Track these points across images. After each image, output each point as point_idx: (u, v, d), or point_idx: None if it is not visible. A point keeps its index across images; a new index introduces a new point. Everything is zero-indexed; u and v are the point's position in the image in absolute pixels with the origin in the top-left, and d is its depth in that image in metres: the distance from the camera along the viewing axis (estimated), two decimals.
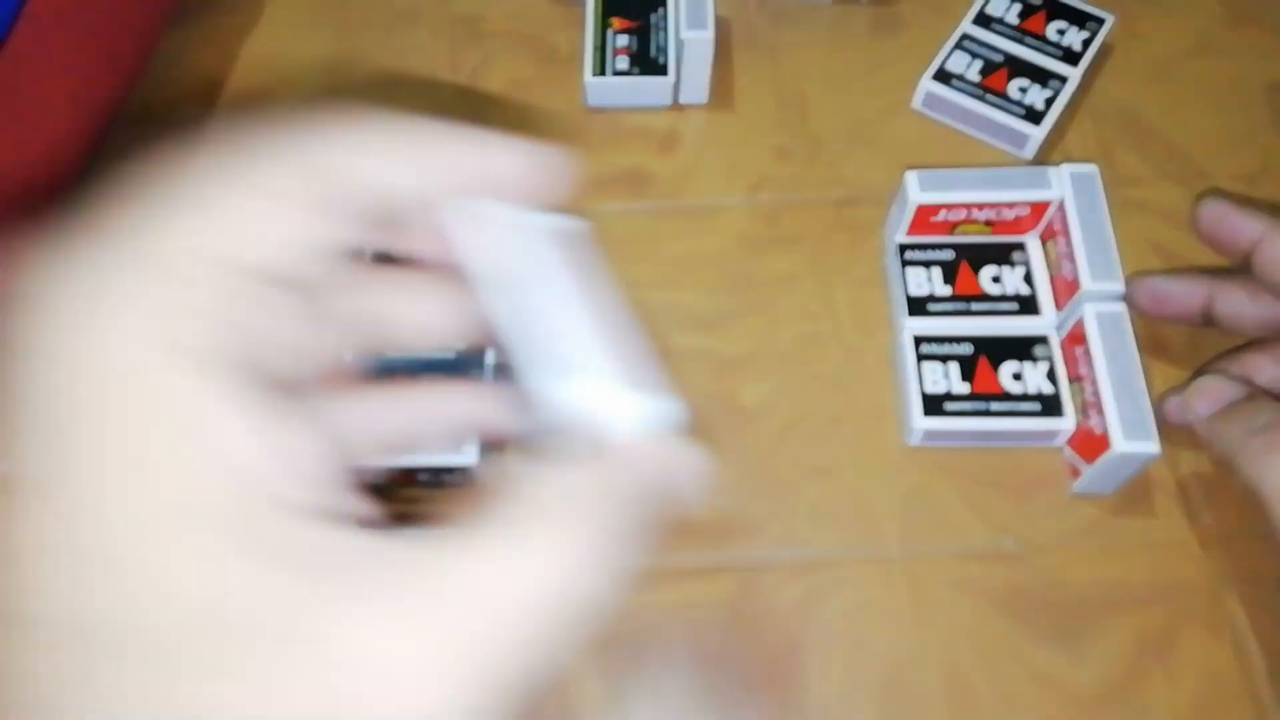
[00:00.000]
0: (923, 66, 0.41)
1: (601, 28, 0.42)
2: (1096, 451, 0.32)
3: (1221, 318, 0.34)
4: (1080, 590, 0.33)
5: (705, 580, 0.33)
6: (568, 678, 0.32)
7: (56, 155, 0.37)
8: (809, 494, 0.34)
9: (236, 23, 0.45)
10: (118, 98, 0.39)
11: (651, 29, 0.42)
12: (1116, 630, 0.32)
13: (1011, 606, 0.32)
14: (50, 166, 0.36)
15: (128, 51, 0.40)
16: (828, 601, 0.33)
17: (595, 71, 0.41)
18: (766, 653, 0.32)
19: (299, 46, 0.44)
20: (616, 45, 0.41)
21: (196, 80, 0.43)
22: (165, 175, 0.17)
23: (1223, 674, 0.32)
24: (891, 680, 0.32)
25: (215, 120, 0.42)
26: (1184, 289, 0.34)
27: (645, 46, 0.41)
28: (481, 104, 0.43)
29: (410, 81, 0.43)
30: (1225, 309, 0.34)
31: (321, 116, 0.20)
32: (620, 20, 0.42)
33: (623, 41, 0.41)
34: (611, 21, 0.42)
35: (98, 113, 0.38)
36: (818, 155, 0.41)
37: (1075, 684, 0.31)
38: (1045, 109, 0.40)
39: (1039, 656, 0.32)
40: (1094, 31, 0.42)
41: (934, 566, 0.33)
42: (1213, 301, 0.34)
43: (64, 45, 0.36)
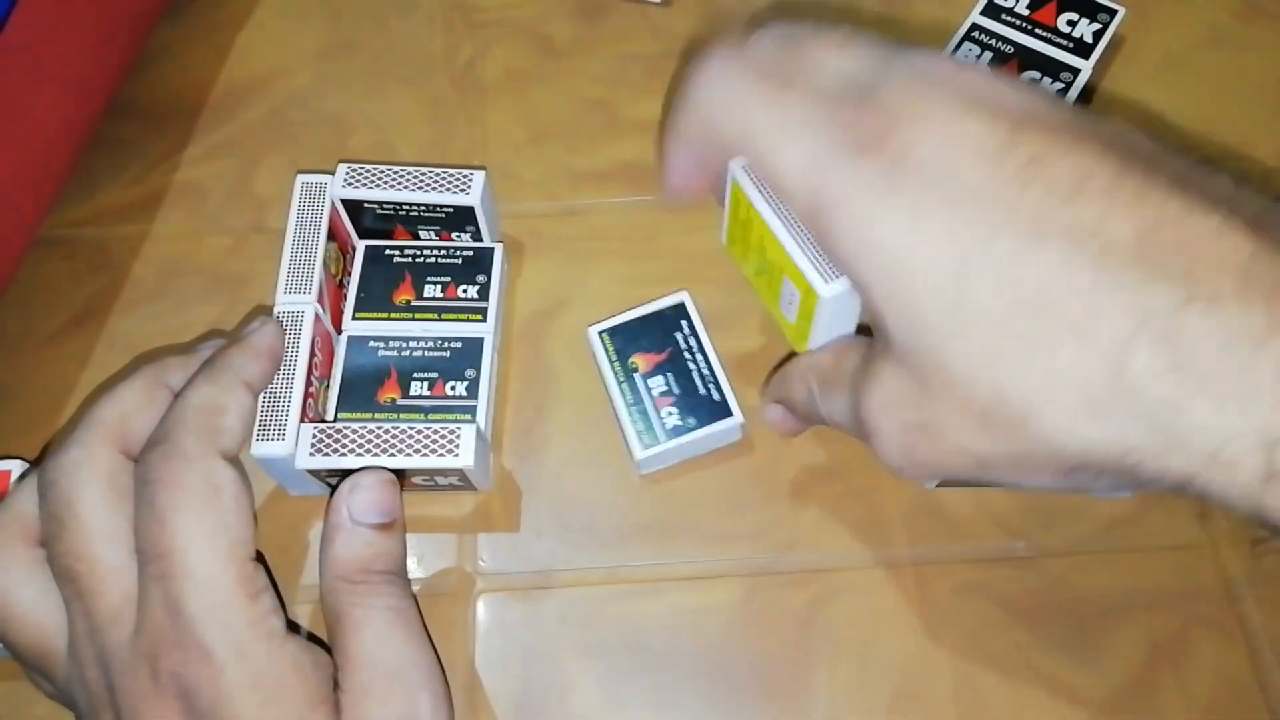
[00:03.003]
0: None
1: (627, 375, 0.33)
2: None
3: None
4: (1093, 595, 0.32)
5: (709, 586, 0.32)
6: (569, 685, 0.31)
7: (50, 147, 0.36)
8: (815, 497, 0.33)
9: (230, 13, 0.44)
10: (111, 88, 0.38)
11: (683, 352, 0.33)
12: (1129, 636, 0.31)
13: (1023, 612, 0.32)
14: (44, 159, 0.35)
15: (122, 40, 0.39)
16: (835, 607, 0.32)
17: (646, 443, 0.32)
18: (772, 660, 0.31)
19: (292, 36, 0.43)
20: (654, 393, 0.33)
21: (190, 72, 0.42)
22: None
23: (1237, 680, 0.31)
24: (900, 687, 0.31)
25: (208, 113, 0.41)
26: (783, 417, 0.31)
27: (688, 383, 0.33)
28: (477, 94, 0.42)
29: (404, 71, 0.42)
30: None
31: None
32: (644, 357, 0.33)
33: (659, 385, 0.33)
34: (635, 363, 0.33)
35: (92, 103, 0.37)
36: None
37: (1087, 690, 0.31)
38: None
39: (1050, 662, 0.31)
40: (1105, 23, 0.41)
41: (943, 571, 0.32)
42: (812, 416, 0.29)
43: (60, 34, 0.35)
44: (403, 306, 0.35)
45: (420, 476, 0.31)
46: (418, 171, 0.34)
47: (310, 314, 0.32)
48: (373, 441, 0.30)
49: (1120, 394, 0.19)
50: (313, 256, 0.33)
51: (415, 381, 0.33)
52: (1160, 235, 0.19)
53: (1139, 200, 0.20)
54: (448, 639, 0.31)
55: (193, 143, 0.40)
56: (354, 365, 0.33)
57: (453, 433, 0.30)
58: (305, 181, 0.34)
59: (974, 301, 0.21)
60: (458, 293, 0.35)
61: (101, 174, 0.39)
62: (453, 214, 0.35)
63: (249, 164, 0.40)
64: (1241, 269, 0.19)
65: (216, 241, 0.38)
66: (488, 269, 0.35)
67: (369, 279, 0.35)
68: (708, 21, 0.43)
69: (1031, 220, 0.20)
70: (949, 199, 0.21)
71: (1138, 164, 0.21)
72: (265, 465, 0.30)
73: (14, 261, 0.35)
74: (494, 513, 0.33)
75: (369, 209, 0.35)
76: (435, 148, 0.40)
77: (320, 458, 0.30)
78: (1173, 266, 0.19)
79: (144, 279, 0.37)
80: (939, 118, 0.21)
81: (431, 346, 0.34)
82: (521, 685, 0.31)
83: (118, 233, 0.38)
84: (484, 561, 0.33)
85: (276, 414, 0.30)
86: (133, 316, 0.37)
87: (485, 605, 0.32)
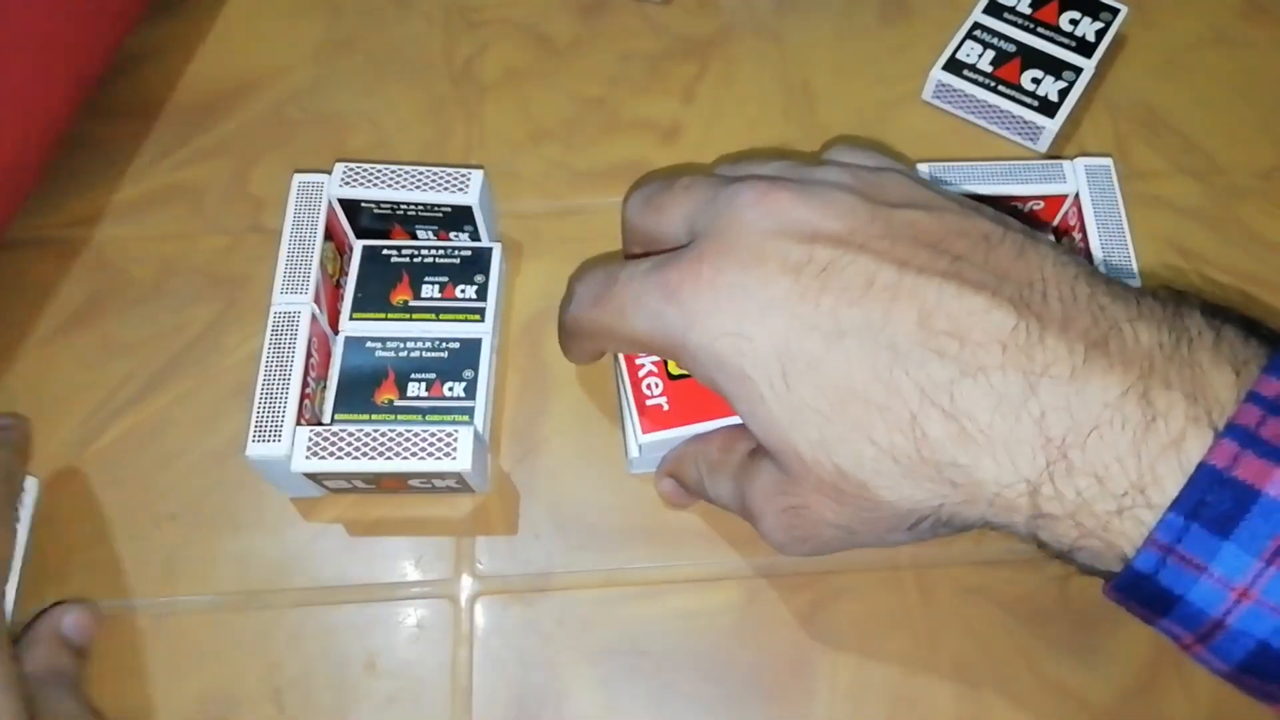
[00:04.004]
0: (933, 56, 0.40)
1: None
2: None
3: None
4: (1096, 598, 0.32)
5: (709, 589, 0.32)
6: (567, 688, 0.31)
7: (27, 145, 0.35)
8: None
9: (227, 11, 0.43)
10: (88, 87, 0.38)
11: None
12: (1132, 639, 0.31)
13: (1024, 615, 0.32)
14: (20, 157, 0.35)
15: (97, 35, 0.38)
16: (835, 610, 0.32)
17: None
18: (772, 663, 0.31)
19: (290, 34, 0.43)
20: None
21: (187, 71, 0.42)
22: None
23: None
24: (901, 691, 0.31)
25: (204, 112, 0.41)
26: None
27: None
28: (476, 93, 0.41)
29: (403, 70, 0.42)
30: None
31: None
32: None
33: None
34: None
35: (69, 102, 0.37)
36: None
37: (1090, 694, 0.30)
38: (1059, 100, 0.39)
39: (1053, 666, 0.31)
40: (1108, 22, 0.41)
41: (944, 574, 0.32)
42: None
43: (38, 31, 0.35)
44: (400, 307, 0.34)
45: (418, 479, 0.31)
46: (415, 171, 0.34)
47: (307, 314, 0.32)
48: (369, 445, 0.30)
49: (924, 460, 0.23)
50: (310, 256, 0.32)
51: (413, 382, 0.33)
52: (935, 320, 0.23)
53: (917, 292, 0.23)
54: (444, 643, 0.31)
55: (189, 142, 0.40)
56: (351, 366, 0.33)
57: (450, 435, 0.30)
58: (302, 181, 0.34)
59: (800, 397, 0.24)
60: (456, 293, 0.34)
61: (98, 174, 0.39)
62: (451, 213, 0.35)
63: (246, 163, 0.40)
64: (1003, 342, 0.22)
65: (213, 241, 0.38)
66: (486, 269, 0.35)
67: (366, 279, 0.35)
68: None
69: (831, 321, 0.24)
70: (763, 310, 0.24)
71: (919, 255, 0.24)
72: (260, 467, 0.30)
73: None
74: (492, 515, 0.33)
75: (366, 208, 0.35)
76: (433, 147, 0.40)
77: (317, 460, 0.30)
78: (947, 346, 0.23)
79: (140, 279, 0.37)
80: (746, 244, 0.25)
81: (429, 347, 0.33)
82: (519, 689, 0.31)
83: (114, 233, 0.38)
84: (482, 564, 0.32)
85: (273, 416, 0.30)
86: (129, 317, 0.36)
87: (483, 608, 0.32)
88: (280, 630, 0.31)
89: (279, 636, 0.31)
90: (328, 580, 0.32)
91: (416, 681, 0.31)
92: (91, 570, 0.32)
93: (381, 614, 0.32)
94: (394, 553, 0.33)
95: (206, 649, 0.31)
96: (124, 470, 0.34)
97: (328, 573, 0.32)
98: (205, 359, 0.35)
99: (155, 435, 0.34)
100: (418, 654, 0.31)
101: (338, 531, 0.33)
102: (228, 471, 0.34)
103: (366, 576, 0.32)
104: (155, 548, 0.32)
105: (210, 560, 0.32)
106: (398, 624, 0.32)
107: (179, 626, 0.31)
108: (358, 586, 0.32)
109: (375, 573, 0.32)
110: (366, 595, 0.32)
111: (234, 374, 0.35)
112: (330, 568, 0.32)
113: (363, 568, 0.32)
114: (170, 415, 0.35)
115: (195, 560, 0.32)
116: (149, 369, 0.35)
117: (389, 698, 0.31)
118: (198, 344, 0.36)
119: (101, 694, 0.30)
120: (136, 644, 0.31)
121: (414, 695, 0.31)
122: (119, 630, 0.31)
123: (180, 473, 0.34)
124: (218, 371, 0.35)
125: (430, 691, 0.31)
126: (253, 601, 0.32)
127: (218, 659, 0.31)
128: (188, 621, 0.31)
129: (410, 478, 0.31)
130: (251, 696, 0.30)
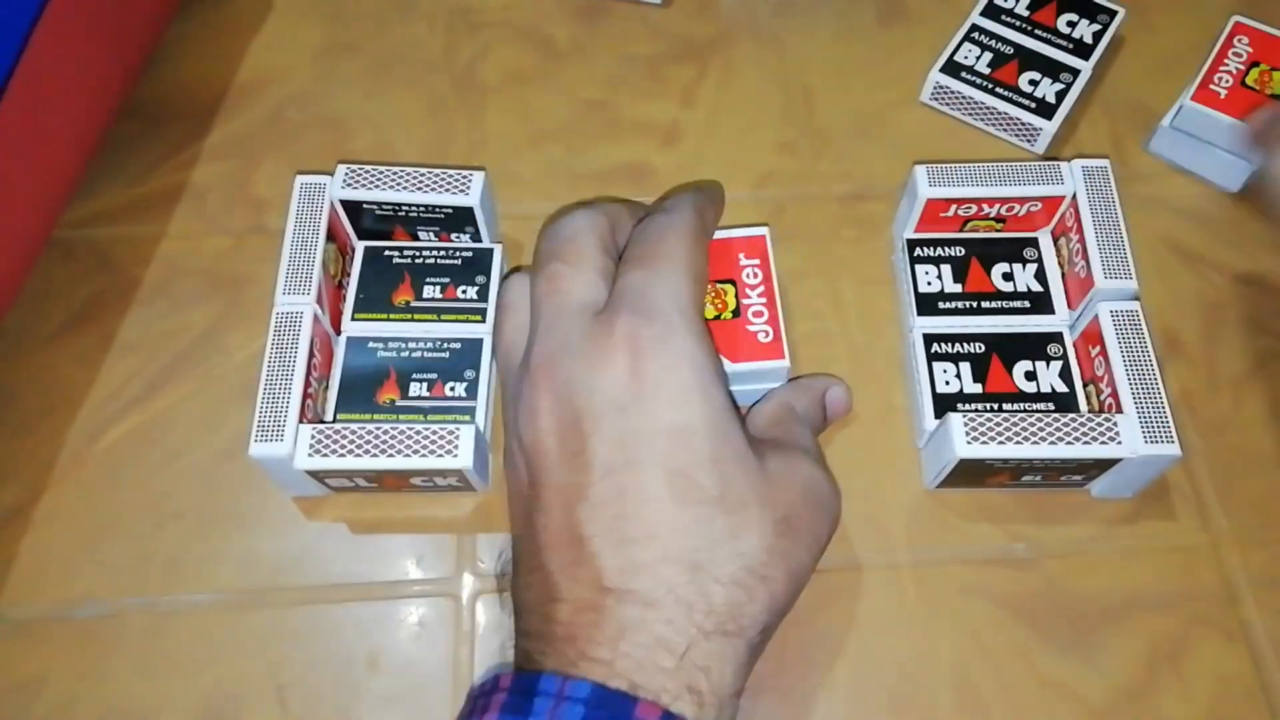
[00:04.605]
0: (931, 58, 0.40)
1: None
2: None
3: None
4: (1094, 596, 0.32)
5: None
6: None
7: (66, 156, 0.35)
8: None
9: (230, 14, 0.43)
10: (124, 93, 0.38)
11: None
12: (1130, 637, 0.31)
13: (1023, 613, 0.32)
14: (60, 167, 0.35)
15: (136, 46, 0.39)
16: (835, 608, 0.32)
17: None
18: (772, 661, 0.31)
19: (292, 37, 0.43)
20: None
21: (190, 73, 0.42)
22: None
23: (1238, 681, 0.31)
24: (900, 689, 0.31)
25: (207, 114, 0.41)
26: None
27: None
28: (477, 95, 0.42)
29: (404, 72, 0.42)
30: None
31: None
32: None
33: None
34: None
35: (106, 110, 0.37)
36: (824, 149, 0.40)
37: (1088, 692, 0.31)
38: (1057, 102, 0.39)
39: (1051, 664, 0.31)
40: (1105, 24, 0.41)
41: (943, 572, 0.32)
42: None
43: (82, 46, 0.35)
44: (402, 307, 0.34)
45: (419, 477, 0.31)
46: (417, 172, 0.34)
47: (309, 315, 0.32)
48: (371, 442, 0.30)
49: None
50: (312, 257, 0.33)
51: (414, 382, 0.33)
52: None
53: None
54: (446, 641, 0.31)
55: (192, 144, 0.40)
56: (353, 366, 0.33)
57: (451, 434, 0.30)
58: (304, 182, 0.34)
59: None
60: (457, 293, 0.35)
61: (101, 175, 0.39)
62: (452, 215, 0.35)
63: (248, 165, 0.40)
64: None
65: (216, 242, 0.38)
66: (487, 270, 0.35)
67: (368, 280, 0.35)
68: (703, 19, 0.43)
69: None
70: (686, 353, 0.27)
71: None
72: (263, 465, 0.30)
73: (27, 270, 0.35)
74: (493, 514, 0.33)
75: (368, 210, 0.35)
76: (435, 148, 0.40)
77: (319, 459, 0.30)
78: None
79: (143, 280, 0.37)
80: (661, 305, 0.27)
81: (431, 347, 0.34)
82: None
83: (117, 234, 0.38)
84: (483, 563, 0.33)
85: (276, 415, 0.30)
86: (132, 317, 0.37)
87: (485, 606, 0.32)
88: (283, 629, 0.32)
89: (281, 635, 0.31)
90: (330, 579, 0.32)
91: (418, 679, 0.31)
92: (94, 569, 0.32)
93: (383, 612, 0.32)
94: (396, 551, 0.33)
95: (209, 648, 0.31)
96: (127, 470, 0.34)
97: (330, 571, 0.32)
98: (208, 359, 0.36)
99: (158, 435, 0.34)
100: (420, 652, 0.31)
101: (340, 530, 0.33)
102: (230, 471, 0.34)
103: (368, 575, 0.32)
104: (158, 547, 0.33)
105: (213, 559, 0.32)
106: (400, 622, 0.32)
107: (182, 625, 0.32)
108: (360, 585, 0.32)
109: (377, 571, 0.32)
110: (368, 594, 0.32)
111: (236, 374, 0.35)
112: (332, 566, 0.32)
113: (365, 566, 0.32)
114: (173, 415, 0.35)
115: (198, 559, 0.32)
116: (152, 369, 0.35)
117: (391, 696, 0.31)
118: (200, 344, 0.36)
119: (104, 693, 0.30)
120: (139, 643, 0.31)
121: (416, 693, 0.31)
122: (122, 629, 0.31)
123: (183, 472, 0.34)
124: (220, 372, 0.35)
125: (432, 689, 0.31)
126: (255, 600, 0.32)
127: (220, 657, 0.31)
128: (190, 620, 0.32)
129: (412, 476, 0.31)
130: (254, 695, 0.31)
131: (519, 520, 0.27)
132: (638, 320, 0.27)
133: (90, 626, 0.31)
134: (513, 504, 0.28)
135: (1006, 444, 0.30)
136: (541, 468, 0.26)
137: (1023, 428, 0.30)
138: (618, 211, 0.31)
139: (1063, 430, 0.30)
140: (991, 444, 0.30)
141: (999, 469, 0.31)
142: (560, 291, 0.28)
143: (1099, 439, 0.30)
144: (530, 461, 0.27)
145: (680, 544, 0.25)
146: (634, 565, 0.24)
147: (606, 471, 0.25)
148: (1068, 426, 0.30)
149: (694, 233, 0.29)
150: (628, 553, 0.24)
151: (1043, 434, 0.30)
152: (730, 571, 0.25)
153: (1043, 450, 0.30)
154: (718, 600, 0.24)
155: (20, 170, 0.33)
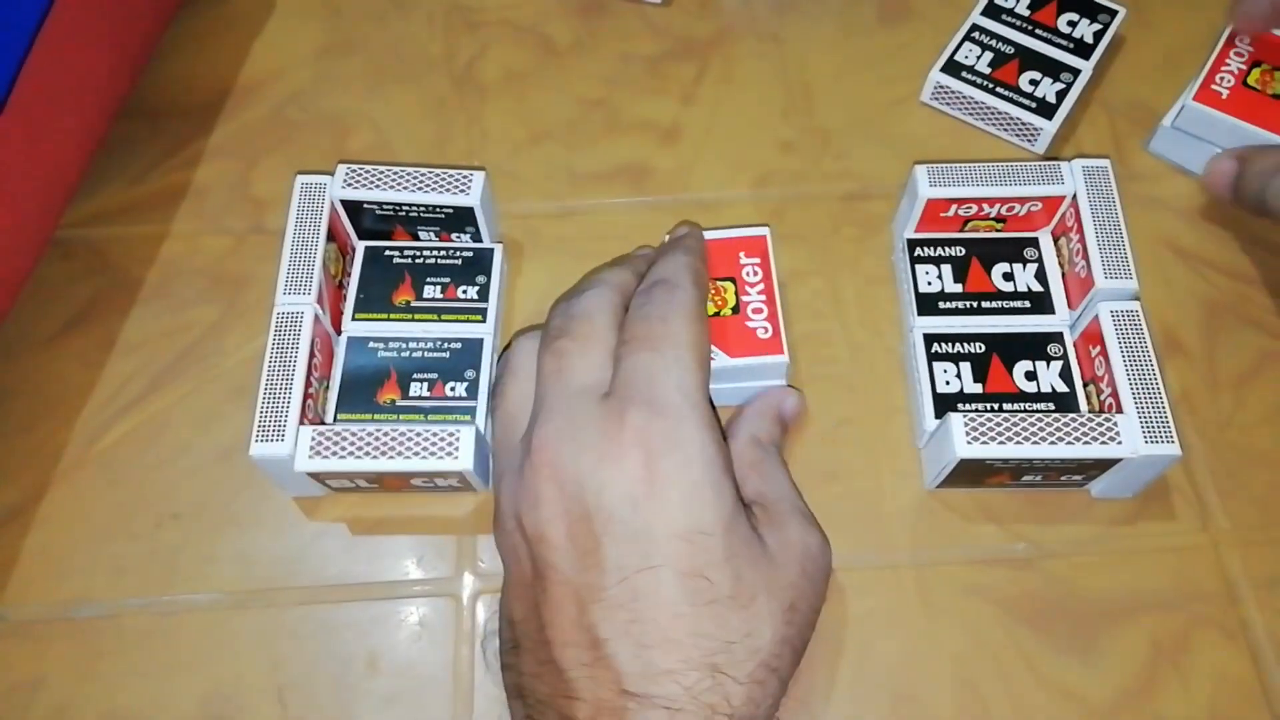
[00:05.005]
0: (931, 58, 0.40)
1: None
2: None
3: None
4: (1094, 596, 0.32)
5: None
6: None
7: (71, 158, 0.35)
8: (816, 499, 0.33)
9: (229, 13, 0.43)
10: (126, 95, 0.38)
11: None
12: (1131, 637, 0.31)
13: (1024, 613, 0.32)
14: (65, 169, 0.35)
15: (138, 49, 0.39)
16: (835, 608, 0.32)
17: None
18: None
19: (292, 36, 0.43)
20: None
21: (189, 73, 0.42)
22: None
23: (1239, 680, 0.31)
24: (901, 689, 0.31)
25: (207, 114, 0.41)
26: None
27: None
28: (477, 95, 0.42)
29: (404, 71, 0.42)
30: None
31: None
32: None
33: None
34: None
35: (109, 112, 0.37)
36: (824, 148, 0.40)
37: (1088, 692, 0.31)
38: (1057, 102, 0.39)
39: (1052, 664, 0.31)
40: (1106, 23, 0.41)
41: (945, 573, 0.32)
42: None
43: (87, 44, 0.35)
44: (402, 307, 0.34)
45: (420, 478, 0.31)
46: (417, 172, 0.34)
47: (309, 315, 0.32)
48: (371, 444, 0.30)
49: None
50: (312, 257, 0.33)
51: (415, 382, 0.33)
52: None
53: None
54: (446, 641, 0.31)
55: (192, 143, 0.40)
56: (353, 366, 0.33)
57: (452, 435, 0.30)
58: (305, 182, 0.34)
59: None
60: (457, 293, 0.35)
61: (101, 175, 0.39)
62: (452, 214, 0.35)
63: (248, 164, 0.40)
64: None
65: (216, 242, 0.38)
66: (487, 269, 0.35)
67: (368, 280, 0.35)
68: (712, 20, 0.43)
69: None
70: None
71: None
72: (264, 466, 0.30)
73: (30, 271, 0.35)
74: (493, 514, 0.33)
75: (368, 209, 0.35)
76: (434, 148, 0.40)
77: (320, 460, 0.30)
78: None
79: (143, 280, 0.37)
80: (664, 386, 0.27)
81: (431, 347, 0.34)
82: None
83: (117, 233, 0.38)
84: (483, 563, 0.33)
85: (276, 416, 0.30)
86: (132, 317, 0.37)
87: (485, 606, 0.32)
88: (282, 629, 0.32)
89: (281, 635, 0.31)
90: (330, 579, 0.32)
91: (418, 680, 0.31)
92: (94, 569, 0.32)
93: (383, 612, 0.32)
94: (396, 551, 0.33)
95: (209, 648, 0.31)
96: (126, 470, 0.34)
97: (330, 571, 0.32)
98: (208, 359, 0.36)
99: (158, 435, 0.34)
100: (420, 652, 0.31)
101: (340, 530, 0.33)
102: (230, 471, 0.34)
103: (368, 575, 0.32)
104: (158, 547, 0.33)
105: (212, 559, 0.32)
106: (400, 622, 0.32)
107: (181, 625, 0.32)
108: (360, 585, 0.32)
109: (377, 571, 0.32)
110: (368, 594, 0.32)
111: (236, 374, 0.35)
112: (332, 567, 0.32)
113: (365, 566, 0.32)
114: (173, 415, 0.35)
115: (197, 559, 0.32)
116: (152, 369, 0.35)
117: (391, 696, 0.31)
118: (200, 344, 0.36)
119: (103, 693, 0.30)
120: (139, 643, 0.31)
121: (416, 693, 0.31)
122: (121, 629, 0.31)
123: (183, 472, 0.34)
124: (220, 372, 0.35)
125: (432, 690, 0.31)
126: (255, 600, 0.32)
127: (220, 658, 0.31)
128: (190, 620, 0.32)
129: (412, 477, 0.31)
130: (253, 695, 0.31)
131: (521, 604, 0.27)
132: (649, 413, 0.26)
133: (90, 626, 0.31)
134: (511, 584, 0.28)
135: (1007, 444, 0.30)
136: (548, 561, 0.26)
137: (1023, 428, 0.30)
138: (630, 282, 0.31)
139: (1063, 430, 0.30)
140: (992, 444, 0.30)
141: (999, 469, 0.31)
142: (566, 370, 0.28)
143: (1099, 439, 0.30)
144: (535, 551, 0.26)
145: (700, 647, 0.25)
146: (654, 671, 0.24)
147: (620, 573, 0.25)
148: (1068, 426, 0.30)
149: (697, 309, 0.29)
150: (647, 657, 0.24)
151: (1043, 434, 0.30)
152: (748, 670, 0.25)
153: (1043, 450, 0.30)
154: (737, 700, 0.25)
155: (24, 171, 0.33)
